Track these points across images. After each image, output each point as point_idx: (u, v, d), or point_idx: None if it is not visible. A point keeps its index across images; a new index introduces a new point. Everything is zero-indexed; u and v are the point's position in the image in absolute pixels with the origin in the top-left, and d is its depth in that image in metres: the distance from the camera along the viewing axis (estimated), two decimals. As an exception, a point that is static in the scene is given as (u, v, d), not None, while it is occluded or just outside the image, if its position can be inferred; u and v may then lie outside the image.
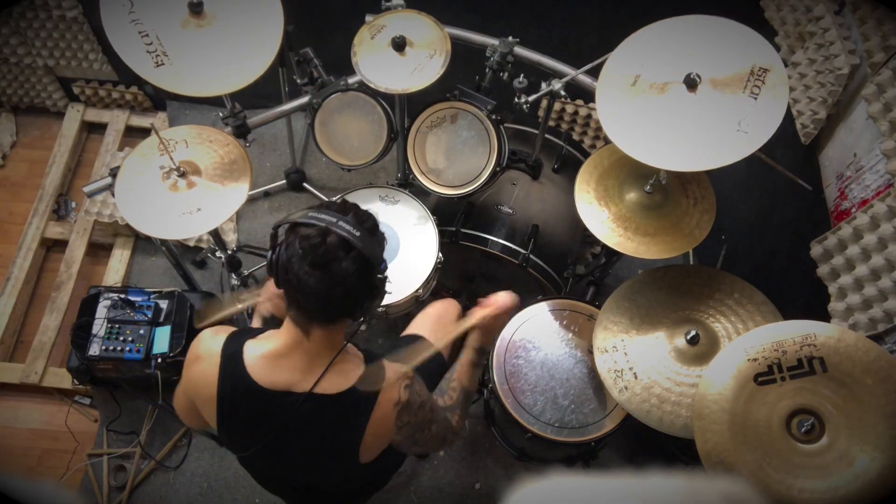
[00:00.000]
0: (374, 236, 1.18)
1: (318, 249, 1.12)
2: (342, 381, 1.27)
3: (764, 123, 1.52)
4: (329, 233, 1.12)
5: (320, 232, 1.12)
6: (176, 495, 2.42)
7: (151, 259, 2.88)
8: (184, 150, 1.94)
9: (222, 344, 1.30)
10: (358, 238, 1.13)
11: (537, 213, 2.31)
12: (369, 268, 1.16)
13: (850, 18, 1.73)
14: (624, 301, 1.90)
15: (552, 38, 2.56)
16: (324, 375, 1.25)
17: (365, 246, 1.13)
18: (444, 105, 2.06)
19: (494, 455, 2.47)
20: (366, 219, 1.19)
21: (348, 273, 1.13)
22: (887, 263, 1.56)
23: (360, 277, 1.15)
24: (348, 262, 1.12)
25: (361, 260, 1.13)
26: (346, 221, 1.14)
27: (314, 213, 1.15)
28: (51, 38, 2.90)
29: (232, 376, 1.27)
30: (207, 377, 1.29)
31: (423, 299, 2.15)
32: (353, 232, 1.13)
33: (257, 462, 1.47)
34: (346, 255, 1.12)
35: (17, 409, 2.66)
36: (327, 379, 1.26)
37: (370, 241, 1.15)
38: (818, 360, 1.45)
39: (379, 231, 1.21)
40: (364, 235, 1.14)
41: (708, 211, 1.86)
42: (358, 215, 1.18)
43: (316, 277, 1.12)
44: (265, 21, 1.86)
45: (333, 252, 1.12)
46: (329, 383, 1.26)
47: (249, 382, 1.26)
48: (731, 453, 1.45)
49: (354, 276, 1.14)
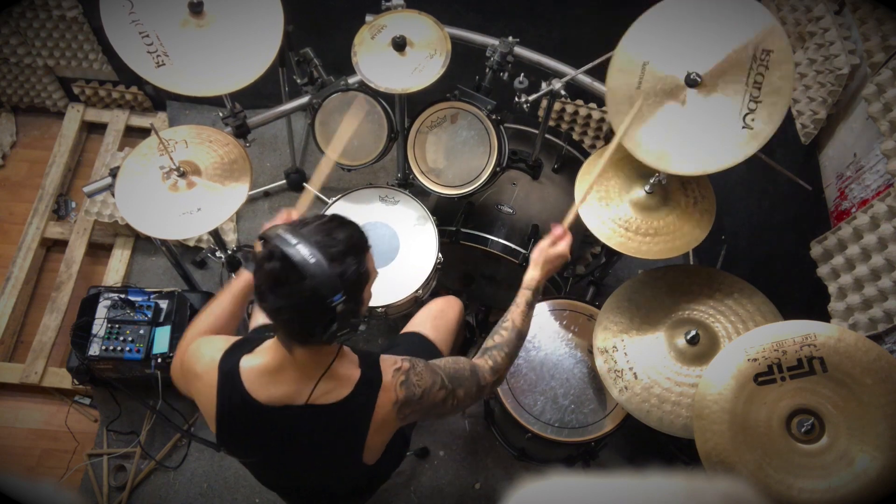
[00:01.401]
0: (338, 263, 1.12)
1: (267, 271, 1.10)
2: (339, 391, 1.27)
3: (768, 116, 1.52)
4: (280, 255, 1.09)
5: (274, 253, 1.10)
6: (176, 495, 2.42)
7: (151, 259, 2.88)
8: (184, 150, 1.94)
9: (219, 361, 1.30)
10: (311, 265, 1.08)
11: (537, 213, 2.31)
12: (318, 297, 1.10)
13: (850, 18, 1.73)
14: (624, 301, 1.90)
15: (552, 38, 2.56)
16: (317, 387, 1.24)
17: (316, 274, 1.08)
18: (444, 105, 2.06)
19: (494, 455, 2.47)
20: (333, 244, 1.13)
21: (296, 300, 1.10)
22: (887, 263, 1.56)
23: (310, 304, 1.11)
24: (294, 287, 1.09)
25: (309, 288, 1.09)
26: (307, 244, 1.10)
27: (282, 231, 1.12)
28: (51, 38, 2.90)
29: (230, 394, 1.27)
30: (207, 394, 1.29)
31: (423, 299, 2.15)
32: (307, 258, 1.08)
33: (259, 469, 1.47)
34: (295, 280, 1.09)
35: (17, 409, 2.66)
36: (323, 389, 1.25)
37: (325, 269, 1.09)
38: (818, 360, 1.45)
39: (348, 259, 1.14)
40: (320, 262, 1.09)
41: (708, 211, 1.86)
42: (328, 237, 1.14)
43: (269, 297, 1.12)
44: (265, 21, 1.86)
45: (282, 276, 1.09)
46: (326, 393, 1.26)
47: (248, 399, 1.25)
48: (731, 453, 1.45)
49: (304, 302, 1.11)
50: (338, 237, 1.15)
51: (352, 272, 1.14)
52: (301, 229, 1.13)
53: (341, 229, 1.17)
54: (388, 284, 2.07)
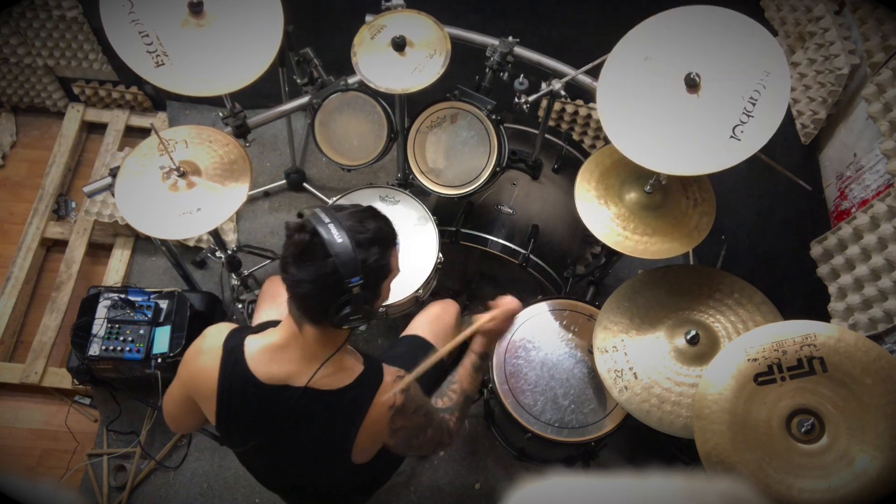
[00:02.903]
0: (364, 249, 1.17)
1: (296, 242, 1.16)
2: (340, 379, 1.28)
3: (763, 124, 1.52)
4: (311, 230, 1.15)
5: (305, 228, 1.16)
6: (176, 495, 2.42)
7: (151, 259, 2.88)
8: (184, 150, 1.94)
9: (224, 339, 1.33)
10: (337, 245, 1.13)
11: (537, 213, 2.31)
12: (337, 276, 1.15)
13: (850, 18, 1.73)
14: (624, 301, 1.90)
15: (552, 38, 2.56)
16: (320, 370, 1.26)
17: (339, 253, 1.13)
18: (444, 105, 2.06)
19: (494, 455, 2.47)
20: (363, 231, 1.18)
21: (316, 274, 1.15)
22: (887, 263, 1.56)
23: (329, 281, 1.15)
24: (318, 262, 1.14)
25: (331, 266, 1.14)
26: (339, 226, 1.15)
27: (318, 210, 1.18)
28: (51, 38, 2.90)
29: (232, 370, 1.29)
30: (208, 371, 1.31)
31: (423, 300, 2.15)
32: (336, 238, 1.14)
33: (254, 457, 1.48)
34: (320, 256, 1.14)
35: (17, 409, 2.66)
36: (325, 375, 1.27)
37: (350, 252, 1.14)
38: (818, 360, 1.45)
39: (374, 248, 1.19)
40: (347, 244, 1.14)
41: (708, 213, 1.86)
42: (359, 224, 1.19)
43: (292, 269, 1.17)
44: (265, 21, 1.85)
45: (308, 249, 1.15)
46: (326, 379, 1.27)
47: (249, 376, 1.28)
48: (731, 453, 1.45)
49: (322, 278, 1.15)
50: (368, 226, 1.20)
51: (374, 261, 1.19)
52: (338, 212, 1.19)
53: (373, 220, 1.23)
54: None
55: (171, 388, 1.47)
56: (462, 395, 1.49)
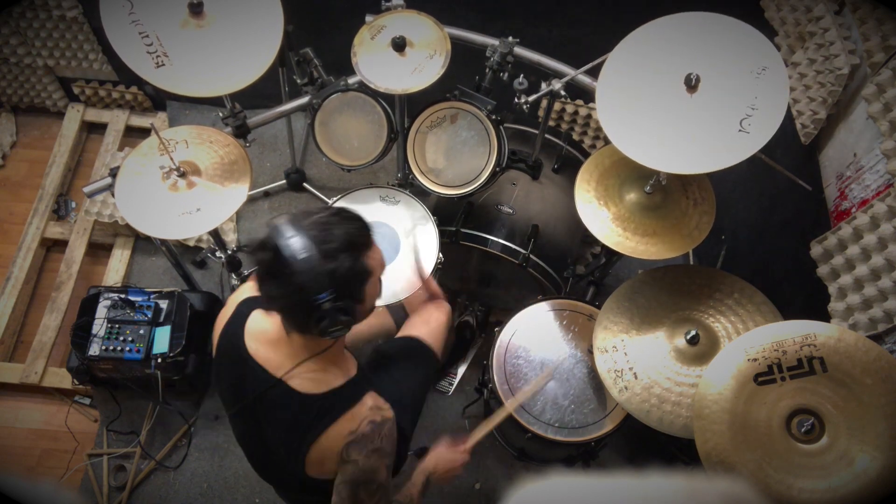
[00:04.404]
0: (331, 259, 1.12)
1: (261, 260, 1.14)
2: (317, 384, 1.27)
3: (764, 125, 1.52)
4: (272, 247, 1.11)
5: (267, 245, 1.12)
6: (176, 495, 2.42)
7: (151, 259, 2.88)
8: (184, 150, 1.94)
9: (241, 300, 1.38)
10: (301, 261, 1.09)
11: (537, 213, 2.31)
12: (304, 292, 1.11)
13: (850, 18, 1.72)
14: (624, 301, 1.90)
15: (552, 38, 2.56)
16: (295, 370, 1.25)
17: (304, 271, 1.09)
18: (444, 105, 2.06)
19: (494, 455, 2.47)
20: (329, 240, 1.13)
21: (284, 294, 1.14)
22: (887, 263, 1.56)
23: (297, 299, 1.13)
24: (283, 281, 1.12)
25: (297, 283, 1.11)
26: (302, 238, 1.11)
27: (282, 222, 1.14)
28: (51, 38, 2.90)
29: (233, 333, 1.33)
30: (221, 321, 1.37)
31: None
32: (298, 254, 1.09)
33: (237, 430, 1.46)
34: (285, 274, 1.11)
35: (17, 409, 2.66)
36: (302, 377, 1.26)
37: (315, 266, 1.10)
38: (818, 360, 1.45)
39: (342, 256, 1.13)
40: (311, 258, 1.10)
41: (707, 213, 1.86)
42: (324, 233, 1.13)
43: (263, 287, 1.17)
44: (265, 21, 1.85)
45: (272, 268, 1.13)
46: (304, 378, 1.26)
47: (241, 346, 1.30)
48: (731, 453, 1.45)
49: (290, 296, 1.13)
50: (335, 233, 1.14)
51: (344, 270, 1.14)
52: (303, 221, 1.14)
53: (341, 225, 1.16)
54: (389, 284, 2.07)
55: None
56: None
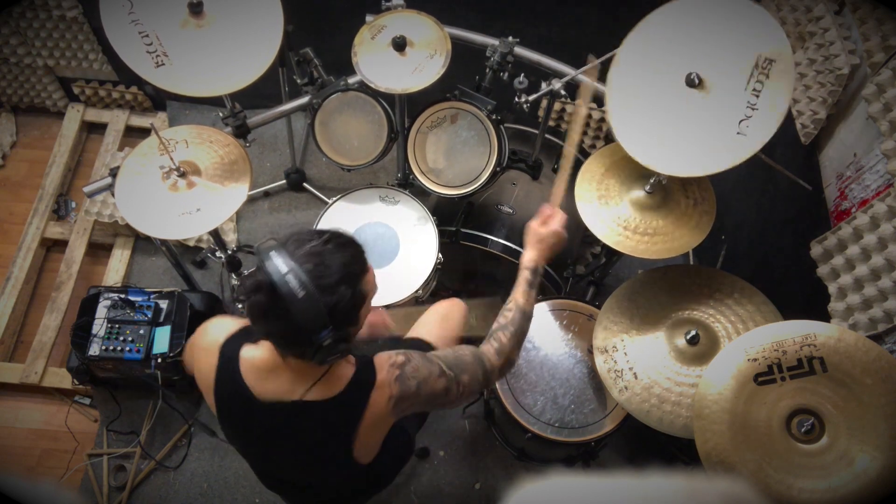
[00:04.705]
0: (330, 293, 1.10)
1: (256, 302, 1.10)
2: (332, 388, 1.27)
3: (765, 122, 1.52)
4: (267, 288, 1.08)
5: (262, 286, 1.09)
6: (176, 495, 2.42)
7: (151, 259, 2.88)
8: (184, 150, 1.94)
9: (222, 343, 1.31)
10: (300, 302, 1.06)
11: (537, 212, 2.30)
12: (304, 333, 1.10)
13: (850, 18, 1.72)
14: (624, 301, 1.90)
15: (552, 38, 2.56)
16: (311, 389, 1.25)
17: (304, 311, 1.07)
18: (444, 105, 2.06)
19: (494, 455, 2.47)
20: (326, 274, 1.10)
21: (283, 333, 1.13)
22: (887, 263, 1.56)
23: (296, 337, 1.12)
24: (280, 321, 1.10)
25: (295, 326, 1.09)
26: (298, 272, 1.07)
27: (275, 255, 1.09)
28: (51, 38, 2.90)
29: (229, 379, 1.29)
30: (207, 369, 1.32)
31: (423, 300, 2.15)
32: (295, 292, 1.06)
33: (254, 460, 1.48)
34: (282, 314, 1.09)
35: (17, 409, 2.66)
36: (316, 389, 1.26)
37: (314, 303, 1.07)
38: (818, 360, 1.45)
39: (341, 288, 1.11)
40: (309, 296, 1.07)
41: (708, 213, 1.86)
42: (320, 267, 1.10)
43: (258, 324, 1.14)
44: (265, 21, 1.86)
45: (268, 309, 1.10)
46: (319, 390, 1.26)
47: (243, 388, 1.27)
48: (731, 453, 1.45)
49: (290, 334, 1.13)
50: (332, 265, 1.11)
51: (344, 303, 1.12)
52: (296, 253, 1.10)
53: (338, 253, 1.14)
54: (388, 285, 2.07)
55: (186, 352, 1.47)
56: (518, 311, 1.44)
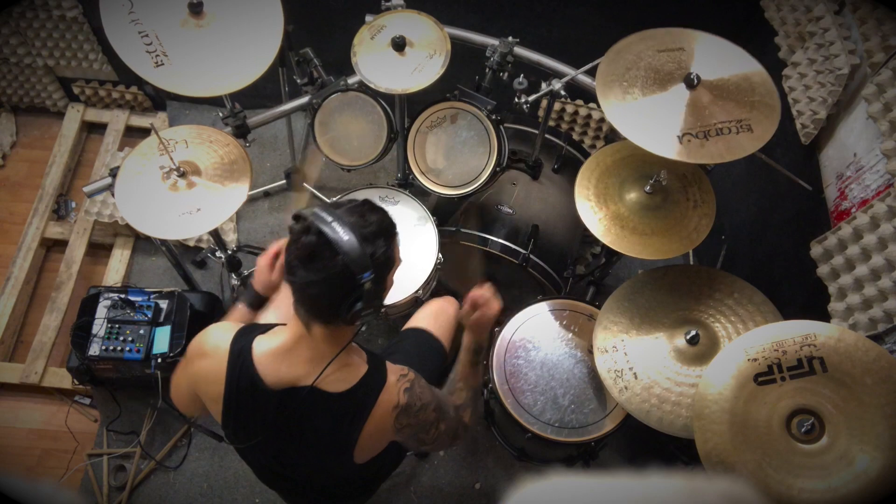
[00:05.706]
0: (370, 243, 1.17)
1: (303, 245, 1.15)
2: (344, 380, 1.28)
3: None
4: (316, 231, 1.14)
5: (309, 228, 1.15)
6: (176, 495, 2.42)
7: (151, 259, 2.88)
8: (184, 150, 1.94)
9: (231, 341, 1.32)
10: (344, 242, 1.13)
11: (537, 213, 2.31)
12: (348, 273, 1.14)
13: (850, 18, 1.73)
14: (624, 301, 1.90)
15: (552, 38, 2.56)
16: (326, 370, 1.25)
17: (348, 251, 1.13)
18: (444, 105, 2.06)
19: (494, 455, 2.47)
20: (366, 225, 1.18)
21: (327, 274, 1.14)
22: (887, 263, 1.56)
23: (340, 281, 1.15)
24: (327, 262, 1.13)
25: (341, 264, 1.13)
26: (342, 223, 1.14)
27: (318, 210, 1.17)
28: (51, 38, 2.90)
29: (240, 374, 1.29)
30: (214, 374, 1.30)
31: (423, 300, 2.15)
32: (342, 235, 1.13)
33: (256, 454, 1.48)
34: (328, 256, 1.13)
35: (17, 409, 2.66)
36: (330, 376, 1.26)
37: (357, 248, 1.14)
38: (818, 360, 1.45)
39: (379, 240, 1.19)
40: (353, 240, 1.14)
41: (707, 214, 1.86)
42: (361, 219, 1.18)
43: (300, 272, 1.16)
44: (265, 21, 1.86)
45: (317, 250, 1.14)
46: (331, 382, 1.27)
47: (257, 381, 1.27)
48: (731, 453, 1.45)
49: (333, 278, 1.15)
50: (370, 219, 1.19)
51: (381, 253, 1.19)
52: (336, 209, 1.18)
53: (373, 212, 1.22)
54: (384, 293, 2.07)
55: (177, 379, 1.45)
56: (468, 390, 1.49)
